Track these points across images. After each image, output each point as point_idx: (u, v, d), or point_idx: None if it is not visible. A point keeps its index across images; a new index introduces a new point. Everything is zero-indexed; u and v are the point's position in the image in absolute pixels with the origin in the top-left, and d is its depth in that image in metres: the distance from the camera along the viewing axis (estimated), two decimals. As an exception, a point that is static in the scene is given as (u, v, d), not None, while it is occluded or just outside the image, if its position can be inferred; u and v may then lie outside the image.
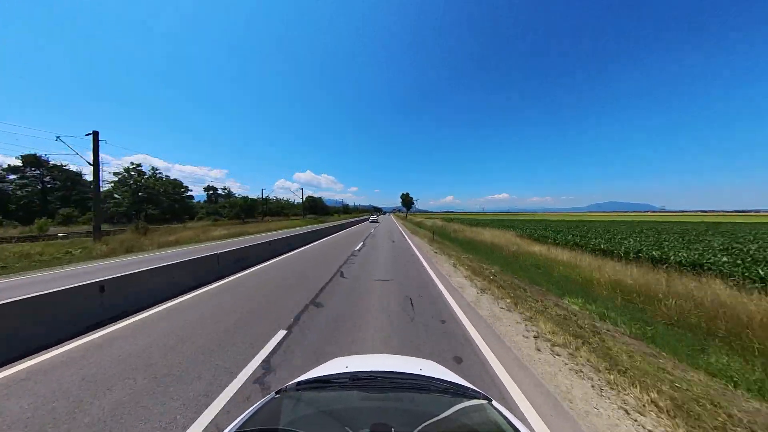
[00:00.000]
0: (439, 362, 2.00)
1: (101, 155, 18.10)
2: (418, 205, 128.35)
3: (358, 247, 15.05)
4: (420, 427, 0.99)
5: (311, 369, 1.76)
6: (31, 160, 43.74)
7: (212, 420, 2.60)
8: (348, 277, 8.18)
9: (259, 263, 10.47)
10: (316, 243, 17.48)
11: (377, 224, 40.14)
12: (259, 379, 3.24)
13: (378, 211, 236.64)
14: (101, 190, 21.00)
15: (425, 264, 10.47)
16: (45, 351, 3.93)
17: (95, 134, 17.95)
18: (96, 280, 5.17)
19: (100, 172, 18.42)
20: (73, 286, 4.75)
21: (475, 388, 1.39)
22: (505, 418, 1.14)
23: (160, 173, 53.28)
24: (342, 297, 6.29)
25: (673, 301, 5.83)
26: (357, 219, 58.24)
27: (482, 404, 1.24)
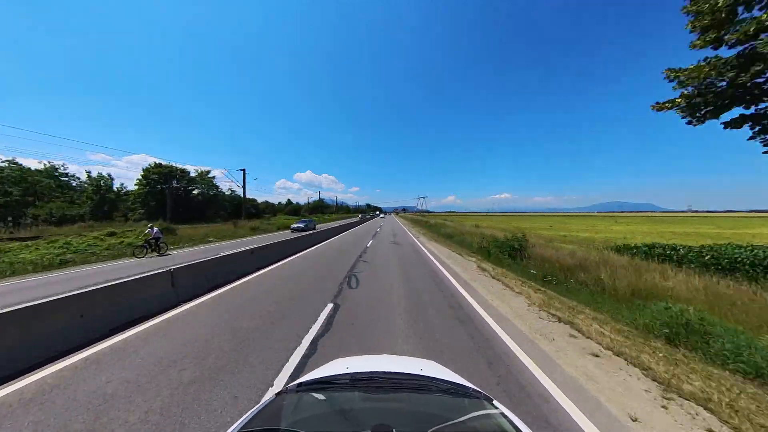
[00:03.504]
0: None
1: (100, 155, 19.87)
2: (422, 205, 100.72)
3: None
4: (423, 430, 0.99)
5: (312, 370, 1.77)
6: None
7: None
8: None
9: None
10: None
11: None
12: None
13: (376, 210, 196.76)
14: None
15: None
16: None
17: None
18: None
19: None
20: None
21: (476, 389, 1.38)
22: (508, 419, 1.14)
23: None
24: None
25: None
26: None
27: (484, 405, 1.24)
